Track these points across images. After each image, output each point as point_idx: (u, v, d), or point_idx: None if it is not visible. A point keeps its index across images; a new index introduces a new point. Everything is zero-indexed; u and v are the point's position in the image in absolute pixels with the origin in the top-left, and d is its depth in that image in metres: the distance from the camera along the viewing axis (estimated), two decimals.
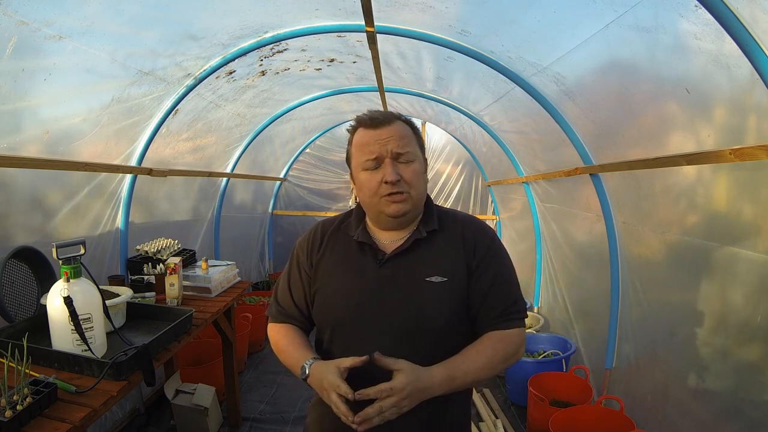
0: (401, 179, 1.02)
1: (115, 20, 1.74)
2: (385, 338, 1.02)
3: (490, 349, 1.01)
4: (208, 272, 2.53)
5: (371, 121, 1.06)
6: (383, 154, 1.03)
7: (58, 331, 1.41)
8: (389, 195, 1.03)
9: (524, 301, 1.12)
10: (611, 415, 2.21)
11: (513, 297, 1.07)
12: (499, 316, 1.04)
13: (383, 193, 1.03)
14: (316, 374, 1.00)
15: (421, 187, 1.07)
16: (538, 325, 3.63)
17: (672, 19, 1.39)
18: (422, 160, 1.09)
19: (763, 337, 1.48)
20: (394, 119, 1.07)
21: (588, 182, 2.55)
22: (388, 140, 1.03)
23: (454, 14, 2.11)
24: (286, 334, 1.15)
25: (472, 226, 1.12)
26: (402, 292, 1.04)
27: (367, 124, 1.06)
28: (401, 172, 1.03)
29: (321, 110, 4.50)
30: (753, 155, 1.30)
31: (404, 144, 1.04)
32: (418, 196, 1.06)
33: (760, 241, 1.47)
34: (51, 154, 1.97)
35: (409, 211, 1.06)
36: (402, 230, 1.11)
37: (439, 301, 1.03)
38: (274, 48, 2.59)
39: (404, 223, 1.09)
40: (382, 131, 1.04)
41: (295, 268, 1.17)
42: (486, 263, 1.06)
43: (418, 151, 1.07)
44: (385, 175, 1.02)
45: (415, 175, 1.04)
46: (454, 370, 0.98)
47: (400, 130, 1.05)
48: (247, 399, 3.06)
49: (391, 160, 1.03)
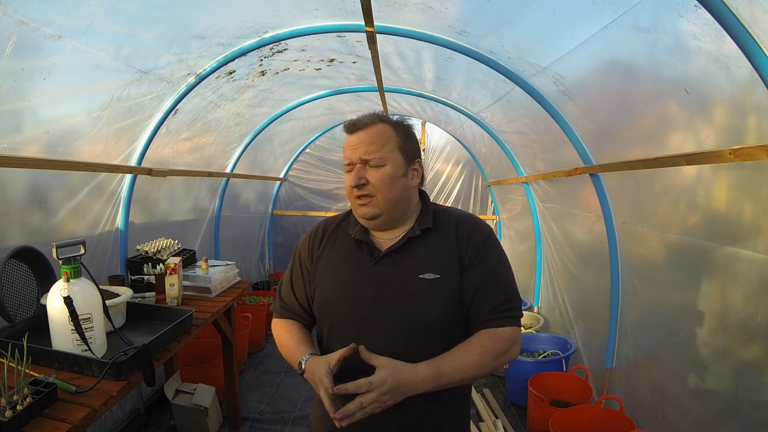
0: (367, 183, 1.05)
1: (115, 20, 1.74)
2: (381, 334, 1.03)
3: (478, 347, 1.01)
4: (208, 272, 2.53)
5: (351, 125, 1.10)
6: (354, 160, 1.07)
7: (58, 331, 1.41)
8: (357, 198, 1.07)
9: (520, 299, 1.10)
10: (611, 415, 2.21)
11: (506, 295, 1.06)
12: (490, 313, 1.04)
13: (353, 196, 1.08)
14: (309, 369, 1.02)
15: (392, 190, 1.06)
16: (538, 325, 3.63)
17: (672, 19, 1.39)
18: (401, 163, 1.08)
19: (763, 337, 1.48)
20: (373, 123, 1.08)
21: (588, 182, 2.55)
22: (357, 146, 1.07)
23: (454, 14, 2.11)
24: (287, 330, 1.17)
25: (466, 223, 1.11)
26: (396, 289, 1.05)
27: (348, 129, 1.11)
28: (369, 176, 1.05)
29: (321, 110, 4.50)
30: (753, 155, 1.31)
31: (373, 149, 1.05)
32: (386, 199, 1.06)
33: (760, 241, 1.47)
34: (51, 154, 1.97)
35: (378, 215, 1.07)
36: (397, 229, 1.12)
37: (432, 298, 1.03)
38: (274, 48, 2.59)
39: (380, 225, 1.11)
40: (354, 137, 1.09)
41: (297, 265, 1.20)
42: (478, 260, 1.06)
43: (393, 155, 1.07)
44: (350, 182, 1.07)
45: (382, 179, 1.05)
46: (440, 367, 0.97)
47: (372, 136, 1.07)
48: (247, 399, 3.06)
49: (361, 165, 1.06)
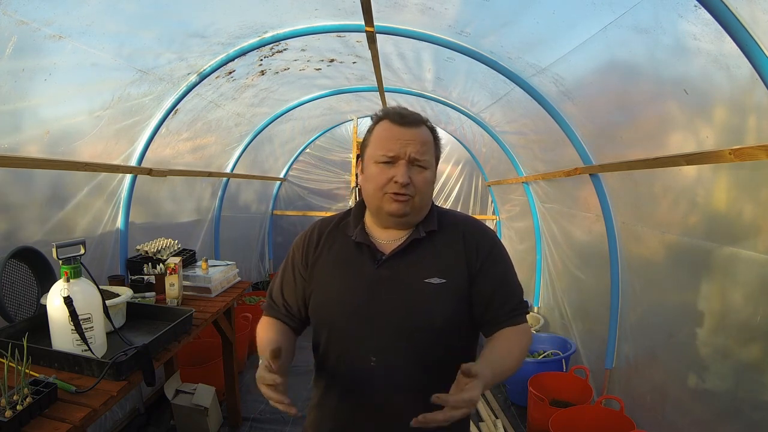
0: (411, 183, 1.02)
1: (115, 20, 1.74)
2: (384, 340, 1.02)
3: (517, 343, 1.03)
4: (208, 272, 2.53)
5: (400, 117, 1.04)
6: (401, 155, 1.02)
7: (58, 331, 1.41)
8: (395, 194, 1.02)
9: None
10: (611, 415, 2.21)
11: (518, 296, 1.10)
12: (509, 313, 1.06)
13: (389, 191, 1.02)
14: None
15: (428, 195, 1.07)
16: (538, 325, 3.63)
17: (671, 19, 1.39)
18: (435, 170, 1.08)
19: (763, 337, 1.48)
20: (421, 123, 1.06)
21: (588, 182, 2.55)
22: (409, 142, 1.02)
23: (454, 15, 2.11)
24: (266, 329, 1.13)
25: (472, 228, 1.12)
26: (400, 293, 1.03)
27: (395, 119, 1.05)
28: (413, 176, 1.02)
29: (321, 110, 4.50)
30: (753, 155, 1.31)
31: (424, 151, 1.03)
32: (422, 203, 1.06)
33: (760, 241, 1.47)
34: (51, 154, 1.97)
35: (408, 214, 1.05)
36: (401, 230, 1.10)
37: (439, 302, 1.02)
38: (274, 48, 2.59)
39: (401, 224, 1.08)
40: (407, 131, 1.03)
41: (289, 267, 1.16)
42: (490, 264, 1.07)
43: (433, 160, 1.07)
44: (397, 176, 1.01)
45: (425, 182, 1.04)
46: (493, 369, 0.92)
47: (424, 136, 1.05)
48: (247, 399, 3.05)
49: (407, 162, 1.02)
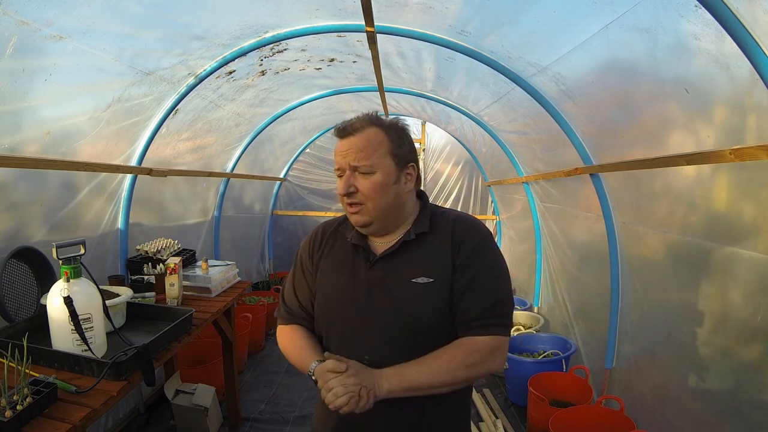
0: (357, 191, 1.03)
1: (116, 20, 1.74)
2: (375, 338, 1.04)
3: (448, 354, 0.99)
4: (208, 272, 2.53)
5: (340, 131, 1.06)
6: (343, 166, 1.04)
7: (58, 331, 1.41)
8: (348, 205, 1.05)
9: (510, 306, 1.07)
10: (611, 415, 2.21)
11: (491, 301, 1.01)
12: (471, 320, 1.01)
13: (345, 203, 1.06)
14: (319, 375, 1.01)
15: (382, 199, 1.03)
16: (538, 325, 3.63)
17: (672, 19, 1.39)
18: (392, 170, 1.04)
19: (763, 337, 1.48)
20: (363, 127, 1.04)
21: (588, 182, 2.55)
22: (347, 152, 1.03)
23: (454, 14, 2.11)
24: (292, 338, 1.14)
25: (463, 224, 1.08)
26: (389, 293, 1.04)
27: (336, 133, 1.06)
28: (357, 183, 1.02)
29: (321, 110, 4.50)
30: (753, 155, 1.30)
31: (363, 156, 1.01)
32: (377, 208, 1.03)
33: (760, 241, 1.47)
34: (51, 154, 1.97)
35: (369, 223, 1.05)
36: (393, 233, 1.11)
37: (425, 302, 1.02)
38: (274, 48, 2.59)
39: (377, 231, 1.09)
40: (344, 142, 1.04)
41: (299, 269, 1.19)
42: (467, 263, 1.03)
43: (384, 161, 1.02)
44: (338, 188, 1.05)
45: (372, 187, 1.02)
46: (402, 368, 0.98)
47: (362, 142, 1.02)
48: (247, 399, 3.06)
49: (350, 172, 1.03)
